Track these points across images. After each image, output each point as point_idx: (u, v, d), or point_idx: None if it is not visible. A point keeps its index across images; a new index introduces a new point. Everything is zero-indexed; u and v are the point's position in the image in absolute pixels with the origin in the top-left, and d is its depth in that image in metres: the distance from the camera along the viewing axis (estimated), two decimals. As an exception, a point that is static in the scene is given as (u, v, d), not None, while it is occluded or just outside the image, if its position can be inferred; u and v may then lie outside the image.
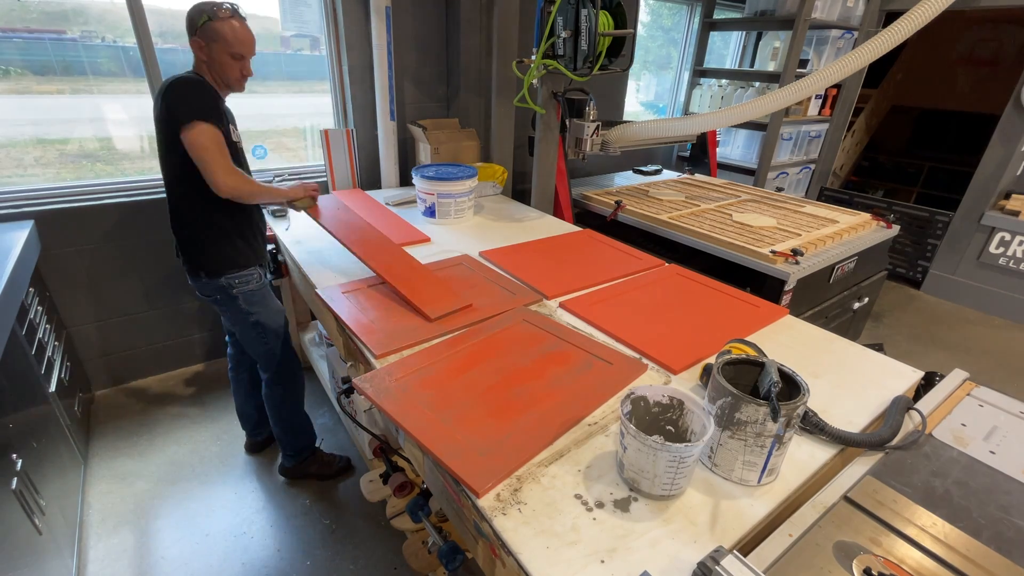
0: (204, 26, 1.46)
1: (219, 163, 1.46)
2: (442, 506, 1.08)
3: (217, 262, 1.63)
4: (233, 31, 1.49)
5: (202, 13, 1.47)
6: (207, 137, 1.44)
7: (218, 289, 1.66)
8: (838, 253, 2.18)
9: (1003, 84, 3.72)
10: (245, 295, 1.69)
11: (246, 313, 1.71)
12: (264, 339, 1.78)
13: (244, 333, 1.77)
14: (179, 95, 1.46)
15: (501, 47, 2.49)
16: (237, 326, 1.76)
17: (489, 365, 1.17)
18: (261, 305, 1.74)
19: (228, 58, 1.51)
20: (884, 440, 0.96)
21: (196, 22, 1.47)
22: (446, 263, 1.74)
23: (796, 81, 2.07)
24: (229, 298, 1.68)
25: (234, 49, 1.51)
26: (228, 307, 1.71)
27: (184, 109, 1.44)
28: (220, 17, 1.48)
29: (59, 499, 1.68)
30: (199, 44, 1.49)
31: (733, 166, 4.18)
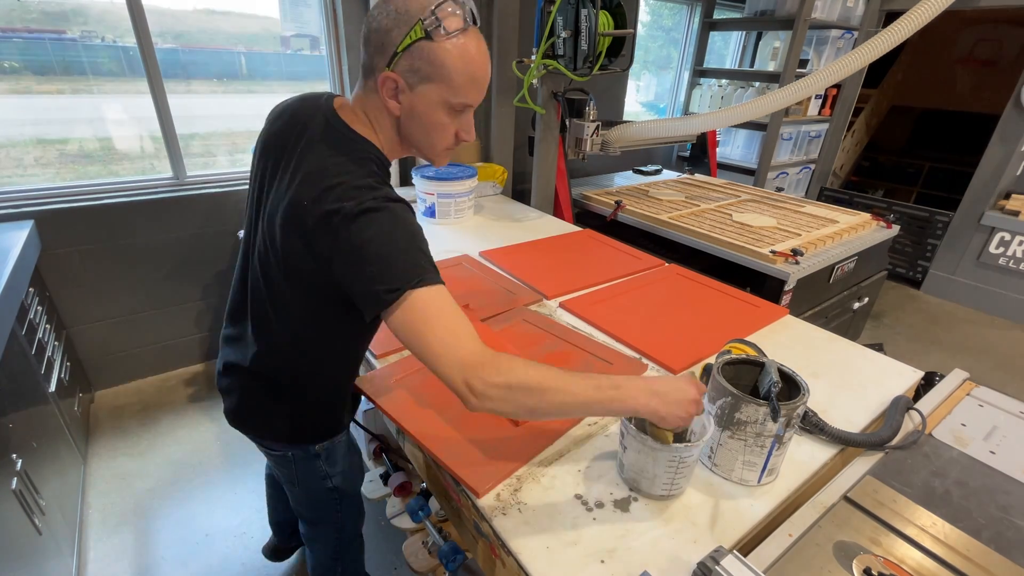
0: (413, 48, 0.77)
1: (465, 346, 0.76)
2: (442, 506, 1.08)
3: (312, 435, 1.08)
4: (466, 59, 0.79)
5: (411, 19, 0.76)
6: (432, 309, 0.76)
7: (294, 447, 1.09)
8: (838, 253, 2.18)
9: (1003, 84, 3.72)
10: (329, 451, 1.11)
11: (324, 476, 1.13)
12: (338, 508, 1.21)
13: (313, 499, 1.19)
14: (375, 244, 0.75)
15: (501, 47, 2.49)
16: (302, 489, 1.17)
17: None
18: (344, 461, 1.17)
19: (443, 113, 0.83)
20: (884, 440, 0.96)
21: (396, 39, 0.77)
22: (446, 263, 1.74)
23: (796, 81, 2.07)
24: (307, 457, 1.10)
25: (459, 98, 0.82)
26: (299, 466, 1.12)
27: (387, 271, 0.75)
28: (445, 31, 0.76)
29: (59, 499, 1.68)
30: (394, 86, 0.80)
31: (733, 166, 4.18)
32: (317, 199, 0.77)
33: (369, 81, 0.83)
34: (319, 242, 0.78)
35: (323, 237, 0.77)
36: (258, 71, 2.65)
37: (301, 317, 0.91)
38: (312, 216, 0.77)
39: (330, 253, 0.77)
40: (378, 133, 0.87)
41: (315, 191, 0.78)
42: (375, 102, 0.84)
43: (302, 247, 0.80)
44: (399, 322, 0.76)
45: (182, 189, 2.42)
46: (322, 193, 0.77)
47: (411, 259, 0.77)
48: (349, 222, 0.75)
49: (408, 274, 0.76)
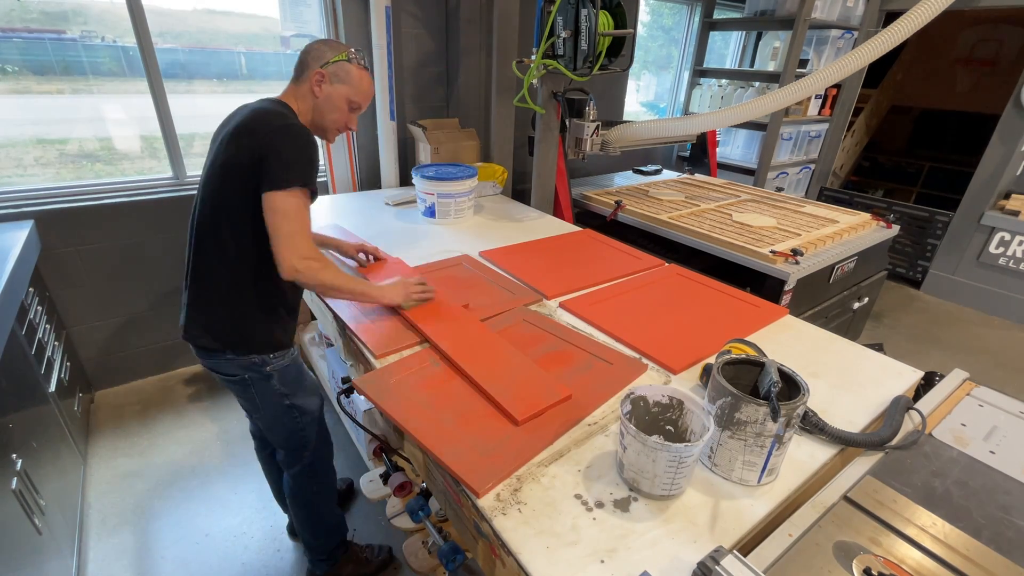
0: (337, 63, 1.29)
1: (299, 240, 1.17)
2: (442, 506, 1.08)
3: (257, 343, 1.31)
4: (362, 80, 1.33)
5: (340, 50, 1.31)
6: (296, 206, 1.17)
7: (247, 367, 1.31)
8: (838, 253, 2.18)
9: (1003, 84, 3.73)
10: (281, 373, 1.35)
11: (281, 395, 1.37)
12: (299, 424, 1.44)
13: (276, 418, 1.42)
14: (288, 146, 1.17)
15: (501, 47, 2.49)
16: (266, 411, 1.40)
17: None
18: (298, 383, 1.41)
19: (344, 104, 1.33)
20: (884, 440, 0.96)
21: (328, 56, 1.29)
22: (446, 263, 1.74)
23: (796, 81, 2.07)
24: (262, 377, 1.33)
25: (356, 98, 1.34)
26: (257, 388, 1.35)
27: (288, 168, 1.16)
28: (357, 62, 1.33)
29: (59, 499, 1.68)
30: (320, 77, 1.28)
31: (733, 166, 4.18)
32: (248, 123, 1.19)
33: (302, 77, 1.30)
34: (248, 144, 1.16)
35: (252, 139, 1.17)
36: (258, 71, 2.65)
37: (228, 228, 1.22)
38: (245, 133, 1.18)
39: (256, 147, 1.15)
40: (298, 105, 1.31)
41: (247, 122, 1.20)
42: (303, 89, 1.30)
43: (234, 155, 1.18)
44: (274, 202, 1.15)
45: (182, 189, 2.42)
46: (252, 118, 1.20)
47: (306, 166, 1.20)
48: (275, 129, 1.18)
49: (302, 176, 1.18)
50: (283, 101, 1.30)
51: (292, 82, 1.33)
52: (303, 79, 1.30)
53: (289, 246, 1.16)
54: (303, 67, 1.31)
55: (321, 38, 1.37)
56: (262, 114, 1.21)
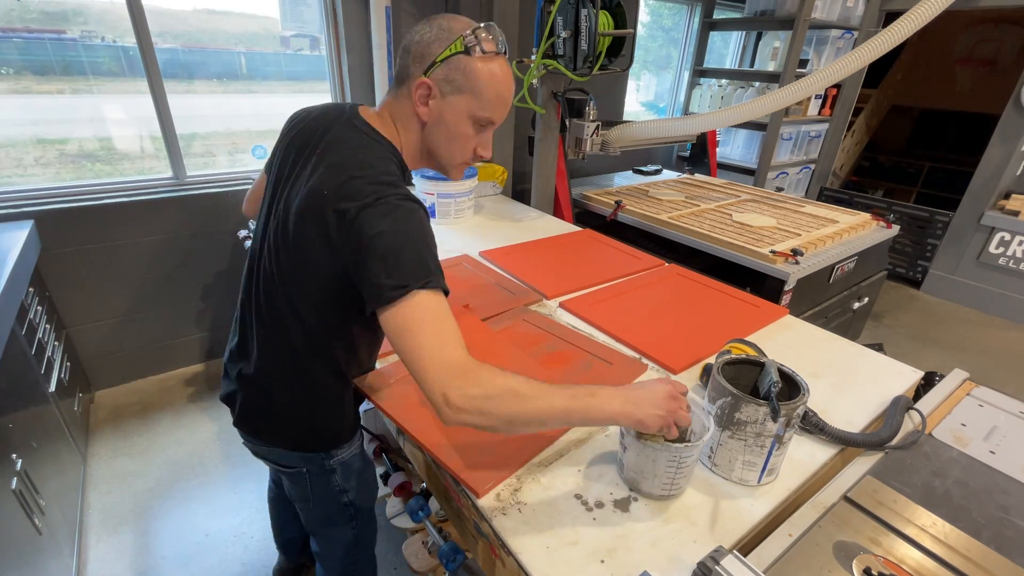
0: (450, 61, 0.84)
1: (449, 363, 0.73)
2: (442, 506, 1.08)
3: (323, 439, 1.05)
4: (494, 79, 0.86)
5: (452, 35, 0.84)
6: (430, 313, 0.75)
7: (308, 461, 1.06)
8: (838, 253, 2.18)
9: (1003, 84, 3.72)
10: (344, 466, 1.10)
11: (339, 492, 1.12)
12: (353, 524, 1.19)
13: (327, 516, 1.16)
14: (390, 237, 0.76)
15: (501, 47, 2.49)
16: (317, 505, 1.14)
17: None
18: (359, 476, 1.15)
19: (468, 125, 0.89)
20: (884, 440, 0.96)
21: (436, 51, 0.84)
22: (446, 263, 1.74)
23: (796, 81, 2.07)
24: (322, 472, 1.07)
25: (485, 112, 0.88)
26: (315, 482, 1.09)
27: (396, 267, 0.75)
28: (482, 51, 0.84)
29: (59, 499, 1.68)
30: (427, 90, 0.86)
31: (733, 166, 4.18)
32: (338, 188, 0.80)
33: (402, 88, 0.88)
34: (334, 230, 0.79)
35: (340, 225, 0.78)
36: (258, 71, 2.65)
37: (308, 311, 0.90)
38: (331, 204, 0.79)
39: (344, 242, 0.78)
40: (402, 138, 0.91)
41: (336, 181, 0.80)
42: (405, 107, 0.89)
43: (316, 235, 0.81)
44: (396, 320, 0.75)
45: (182, 189, 2.42)
46: (344, 183, 0.80)
47: (421, 260, 0.77)
48: (367, 213, 0.77)
49: (417, 274, 0.76)
50: (381, 137, 0.89)
51: (391, 92, 0.92)
52: (402, 91, 0.89)
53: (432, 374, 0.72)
54: (402, 73, 0.88)
55: (430, 18, 0.88)
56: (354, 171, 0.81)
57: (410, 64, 0.87)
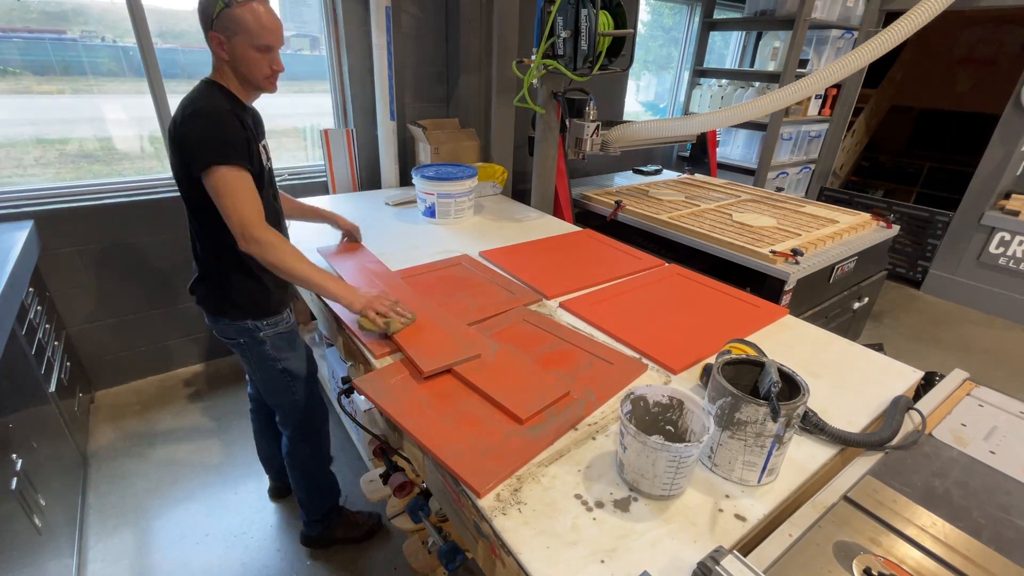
0: (221, 15, 1.18)
1: (241, 216, 1.21)
2: (442, 506, 1.08)
3: (243, 306, 1.39)
4: (256, 17, 1.20)
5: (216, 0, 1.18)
6: (225, 184, 1.20)
7: (242, 332, 1.42)
8: (838, 253, 2.18)
9: (1003, 84, 3.72)
10: (273, 340, 1.46)
11: (273, 360, 1.47)
12: (292, 388, 1.53)
13: (270, 382, 1.52)
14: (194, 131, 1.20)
15: (501, 47, 2.49)
16: (261, 373, 1.51)
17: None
18: (290, 349, 1.51)
19: (254, 52, 1.23)
20: (884, 440, 0.96)
21: (211, 12, 1.18)
22: (446, 263, 1.74)
23: (796, 81, 2.07)
24: (255, 342, 1.44)
25: (260, 40, 1.22)
26: (252, 352, 1.46)
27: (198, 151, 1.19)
28: (238, 2, 1.18)
29: (59, 499, 1.68)
30: (218, 40, 1.21)
31: (733, 166, 4.18)
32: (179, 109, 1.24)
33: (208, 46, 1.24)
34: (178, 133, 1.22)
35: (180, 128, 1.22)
36: (258, 71, 2.64)
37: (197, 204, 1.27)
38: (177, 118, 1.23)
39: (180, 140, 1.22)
40: (225, 78, 1.28)
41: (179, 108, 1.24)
42: (217, 58, 1.25)
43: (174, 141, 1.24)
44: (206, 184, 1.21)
45: (182, 189, 2.41)
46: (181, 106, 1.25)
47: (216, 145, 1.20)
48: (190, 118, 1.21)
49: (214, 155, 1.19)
50: (210, 80, 1.28)
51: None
52: (210, 49, 1.24)
53: (233, 223, 1.21)
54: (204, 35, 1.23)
55: None
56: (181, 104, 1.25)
57: (202, 27, 1.21)
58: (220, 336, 1.46)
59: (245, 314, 1.40)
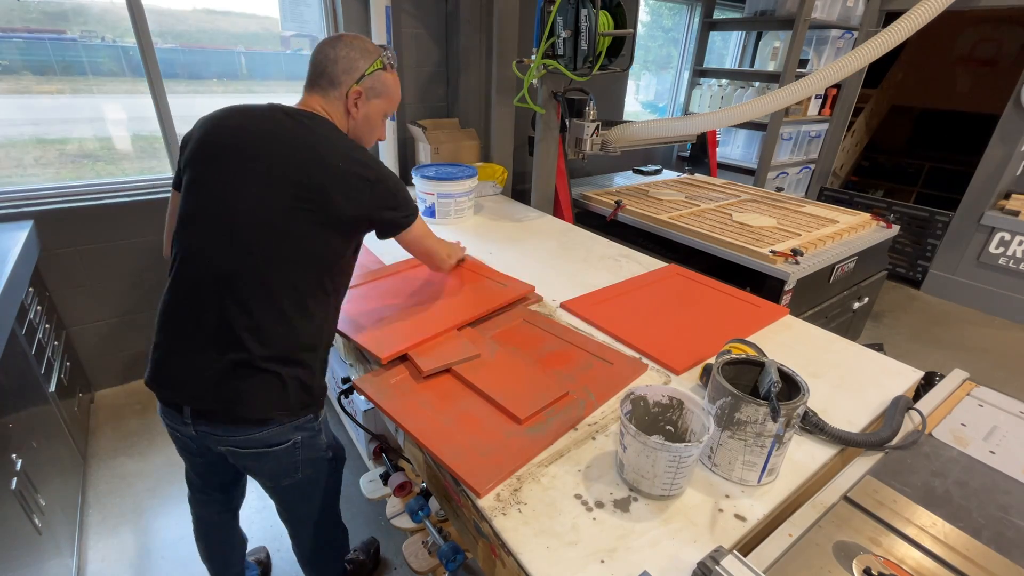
0: (374, 75, 1.10)
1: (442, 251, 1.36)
2: (442, 506, 1.08)
3: (316, 393, 1.11)
4: (397, 86, 1.18)
5: (372, 55, 1.10)
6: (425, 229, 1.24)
7: (301, 428, 1.09)
8: (838, 253, 2.18)
9: (1003, 84, 3.72)
10: (325, 423, 1.20)
11: (324, 449, 1.19)
12: (335, 477, 1.30)
13: (315, 481, 1.22)
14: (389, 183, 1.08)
15: (501, 47, 2.49)
16: (306, 474, 1.17)
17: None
18: (329, 431, 1.25)
19: (381, 119, 1.18)
20: (884, 440, 0.96)
21: (363, 68, 1.09)
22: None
23: (796, 81, 2.07)
24: (312, 435, 1.13)
25: (392, 109, 1.20)
26: (305, 451, 1.13)
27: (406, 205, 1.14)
28: (391, 67, 1.15)
29: (59, 499, 1.68)
30: (358, 96, 1.10)
31: (733, 166, 4.18)
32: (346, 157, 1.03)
33: (333, 92, 1.10)
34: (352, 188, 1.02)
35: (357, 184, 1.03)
36: (258, 71, 2.64)
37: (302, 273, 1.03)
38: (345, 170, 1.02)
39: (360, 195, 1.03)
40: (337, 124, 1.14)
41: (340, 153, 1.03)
42: (338, 107, 1.12)
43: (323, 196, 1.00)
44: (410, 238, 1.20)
45: (182, 189, 2.41)
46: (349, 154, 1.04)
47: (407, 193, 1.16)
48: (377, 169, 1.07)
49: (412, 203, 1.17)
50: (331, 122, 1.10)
51: (316, 92, 1.11)
52: (334, 95, 1.10)
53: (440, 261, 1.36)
54: (331, 80, 1.09)
55: (342, 37, 1.11)
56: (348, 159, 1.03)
57: (339, 76, 1.09)
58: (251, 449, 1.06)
59: (312, 404, 1.09)
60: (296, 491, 1.22)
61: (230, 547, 1.46)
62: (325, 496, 1.28)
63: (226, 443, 1.06)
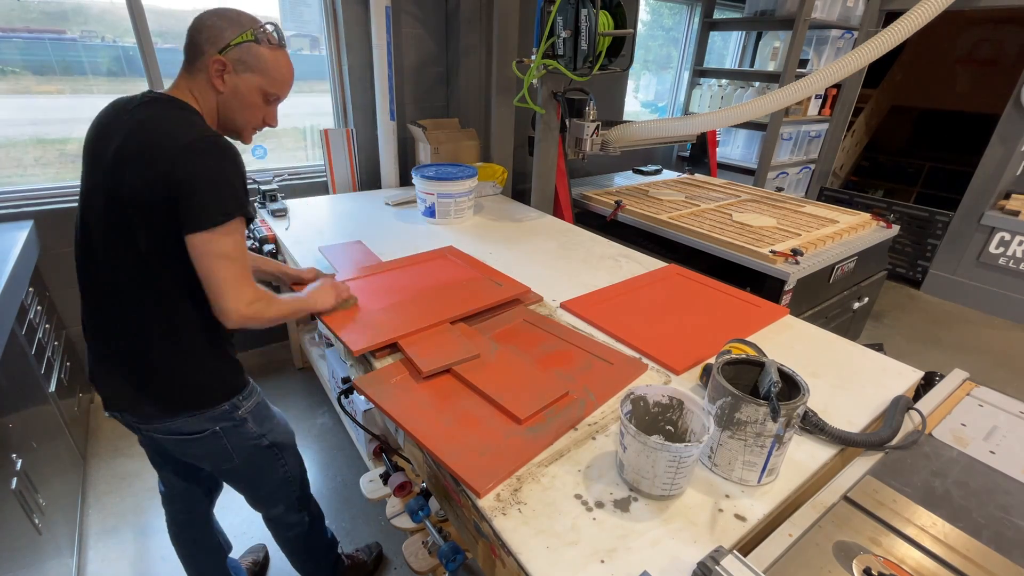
0: (241, 46, 1.01)
1: (243, 283, 1.00)
2: (442, 506, 1.08)
3: (219, 387, 1.13)
4: (279, 64, 1.07)
5: (241, 28, 1.02)
6: (235, 244, 0.98)
7: (217, 418, 1.12)
8: (838, 253, 2.18)
9: (1003, 84, 3.72)
10: (253, 413, 1.19)
11: (257, 437, 1.21)
12: (281, 461, 1.30)
13: (255, 466, 1.25)
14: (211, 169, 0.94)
15: (501, 47, 2.49)
16: (242, 461, 1.21)
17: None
18: (269, 419, 1.25)
19: (258, 98, 1.07)
20: (884, 440, 0.96)
21: (227, 37, 1.01)
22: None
23: (796, 81, 2.07)
24: (234, 425, 1.15)
25: (273, 88, 1.08)
26: (230, 439, 1.16)
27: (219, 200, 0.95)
28: (268, 42, 1.04)
29: (59, 499, 1.68)
30: (221, 66, 1.01)
31: (733, 166, 4.18)
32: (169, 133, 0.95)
33: (197, 63, 1.02)
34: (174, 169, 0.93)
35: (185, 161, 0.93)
36: (258, 71, 2.64)
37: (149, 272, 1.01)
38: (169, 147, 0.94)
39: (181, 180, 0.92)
40: (200, 107, 1.05)
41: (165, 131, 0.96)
42: (201, 81, 1.03)
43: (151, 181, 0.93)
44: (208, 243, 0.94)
45: (182, 189, 2.41)
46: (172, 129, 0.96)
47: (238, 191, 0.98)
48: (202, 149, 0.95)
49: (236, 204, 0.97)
50: (180, 99, 1.03)
51: (184, 70, 1.05)
52: (197, 67, 1.03)
53: (235, 295, 0.98)
54: (195, 50, 1.02)
55: (217, 9, 1.03)
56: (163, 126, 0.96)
57: (202, 45, 1.01)
58: (172, 436, 1.12)
59: (223, 396, 1.13)
60: (239, 476, 1.27)
61: (203, 552, 1.50)
62: (278, 482, 1.32)
63: (148, 431, 1.14)
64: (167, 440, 1.15)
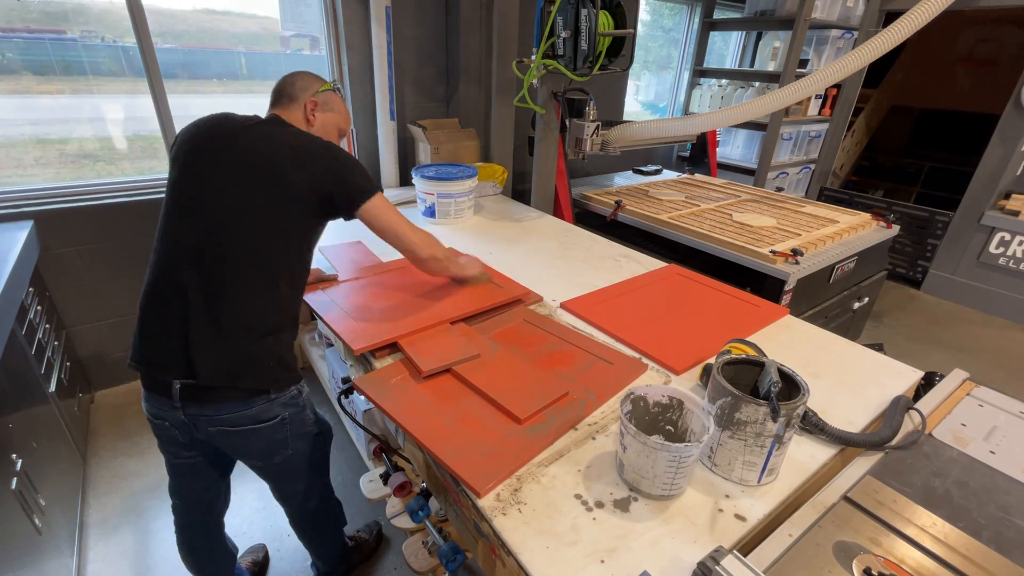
0: (325, 92, 1.34)
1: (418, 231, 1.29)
2: (442, 506, 1.08)
3: (293, 367, 1.19)
4: (344, 108, 1.40)
5: (323, 81, 1.35)
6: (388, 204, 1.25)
7: (288, 404, 1.18)
8: (838, 253, 2.18)
9: (1003, 84, 3.72)
10: (308, 399, 1.27)
11: (312, 423, 1.29)
12: (324, 449, 1.39)
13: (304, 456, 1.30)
14: (347, 158, 1.21)
15: (501, 47, 2.49)
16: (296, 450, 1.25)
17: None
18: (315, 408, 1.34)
19: (335, 132, 1.37)
20: (884, 440, 0.96)
21: (315, 86, 1.32)
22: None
23: (796, 81, 2.07)
24: (298, 411, 1.22)
25: (344, 126, 1.40)
26: (293, 426, 1.21)
27: (365, 176, 1.21)
28: (339, 92, 1.40)
29: (59, 499, 1.68)
30: (314, 105, 1.30)
31: (733, 166, 4.18)
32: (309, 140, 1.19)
33: (292, 105, 1.30)
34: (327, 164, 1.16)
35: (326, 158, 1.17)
36: (258, 71, 2.65)
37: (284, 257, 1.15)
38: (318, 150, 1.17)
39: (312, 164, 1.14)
40: None
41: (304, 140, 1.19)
42: (297, 117, 1.29)
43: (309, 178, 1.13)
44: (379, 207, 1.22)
45: (182, 189, 2.41)
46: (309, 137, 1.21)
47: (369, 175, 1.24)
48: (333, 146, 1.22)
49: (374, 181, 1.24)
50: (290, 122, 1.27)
51: (277, 108, 1.30)
52: (294, 107, 1.30)
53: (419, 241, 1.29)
54: (291, 97, 1.30)
55: (298, 71, 1.36)
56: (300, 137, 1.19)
57: (297, 93, 1.30)
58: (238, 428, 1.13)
59: (295, 378, 1.19)
60: (288, 468, 1.29)
61: (216, 560, 1.48)
62: (317, 470, 1.38)
63: (216, 423, 1.11)
64: (232, 433, 1.14)
